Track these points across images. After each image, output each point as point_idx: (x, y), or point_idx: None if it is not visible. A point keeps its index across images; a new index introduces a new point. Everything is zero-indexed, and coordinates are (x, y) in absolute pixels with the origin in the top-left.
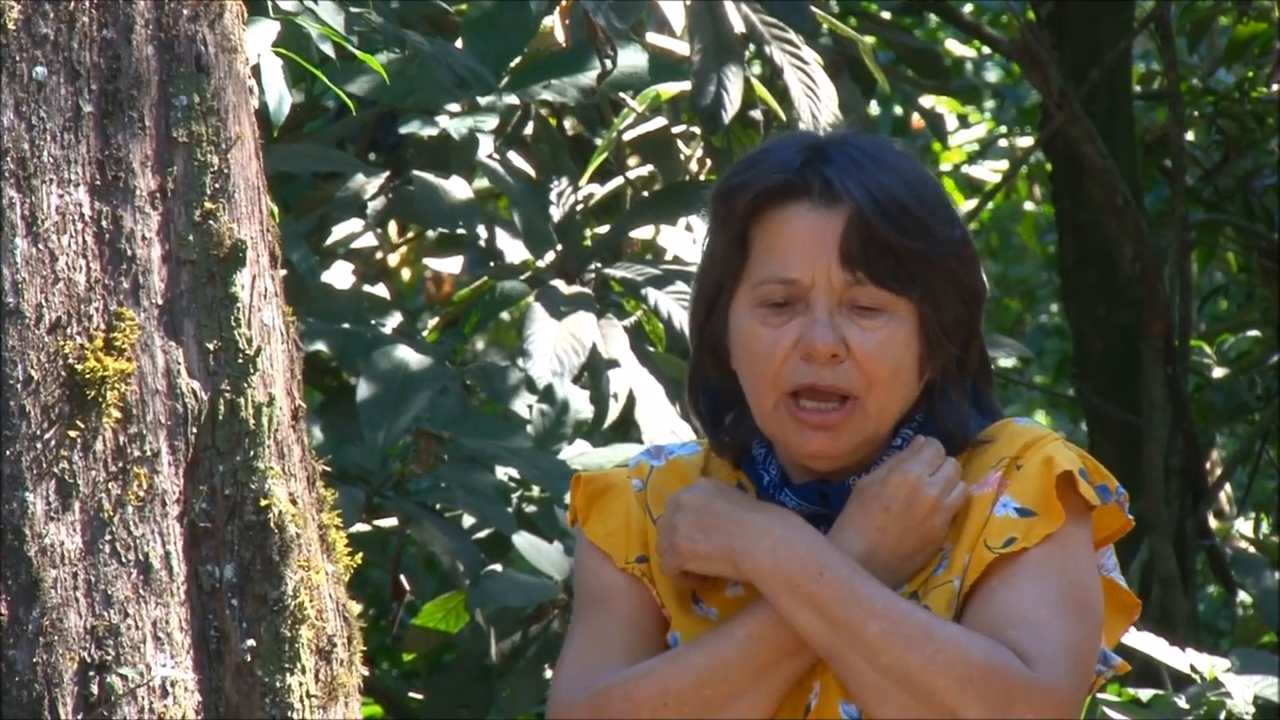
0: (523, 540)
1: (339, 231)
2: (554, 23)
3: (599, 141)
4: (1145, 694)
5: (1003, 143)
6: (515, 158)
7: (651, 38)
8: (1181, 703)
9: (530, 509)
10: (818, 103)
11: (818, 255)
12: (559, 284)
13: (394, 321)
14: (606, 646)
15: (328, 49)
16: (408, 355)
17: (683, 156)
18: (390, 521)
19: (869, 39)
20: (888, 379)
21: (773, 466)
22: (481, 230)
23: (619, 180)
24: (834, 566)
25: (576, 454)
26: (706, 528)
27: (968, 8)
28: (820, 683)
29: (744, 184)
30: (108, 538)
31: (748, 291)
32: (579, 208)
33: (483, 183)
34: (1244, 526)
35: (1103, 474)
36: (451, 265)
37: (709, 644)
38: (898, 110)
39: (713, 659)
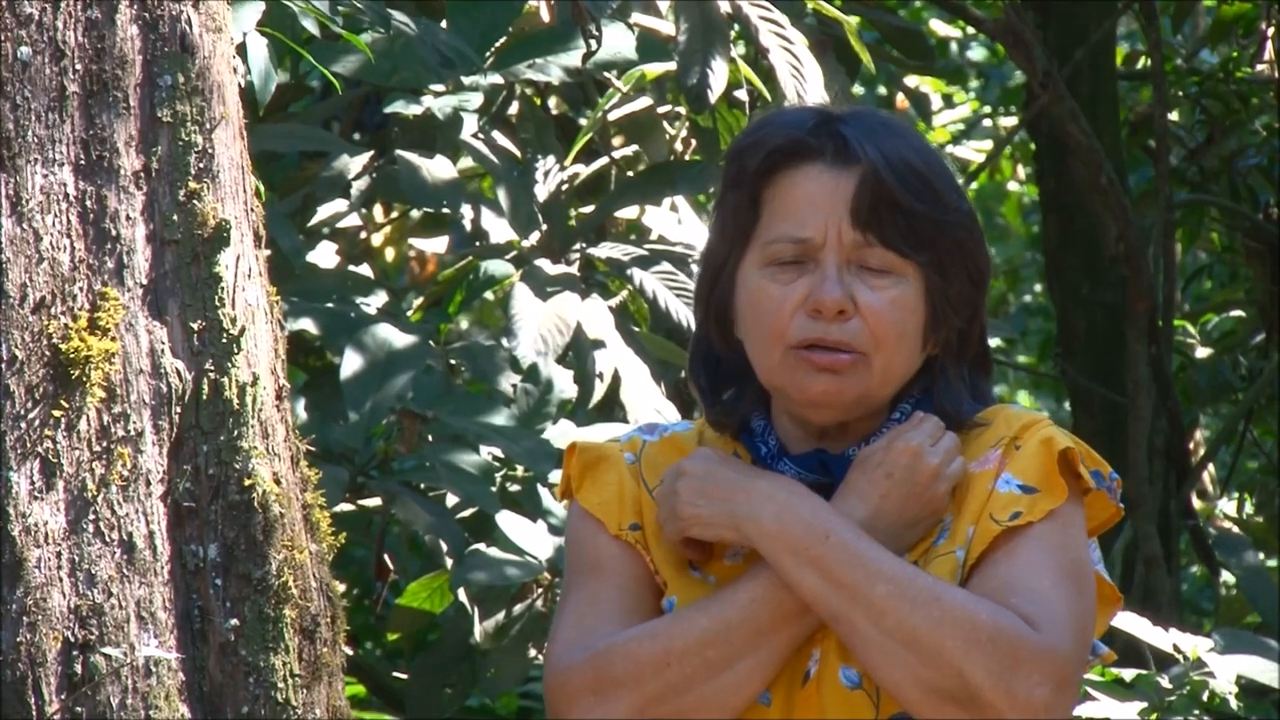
0: (506, 519)
1: (323, 211)
2: (539, 2)
3: (584, 121)
4: (1129, 674)
5: (987, 123)
6: (500, 137)
7: (637, 17)
8: (1165, 683)
9: (514, 488)
10: (803, 83)
11: (829, 214)
12: (544, 264)
13: (378, 301)
14: (602, 612)
15: (313, 28)
16: (391, 334)
17: (668, 136)
18: (374, 501)
19: (854, 19)
20: (895, 339)
21: (771, 438)
22: (466, 210)
23: (604, 160)
24: (839, 531)
25: (560, 433)
26: (709, 494)
27: None
28: (821, 649)
29: (756, 143)
30: (91, 517)
31: (758, 251)
32: (564, 187)
33: (467, 162)
34: (1227, 506)
35: (1096, 459)
36: (436, 245)
37: (712, 606)
38: (882, 90)
39: (715, 621)
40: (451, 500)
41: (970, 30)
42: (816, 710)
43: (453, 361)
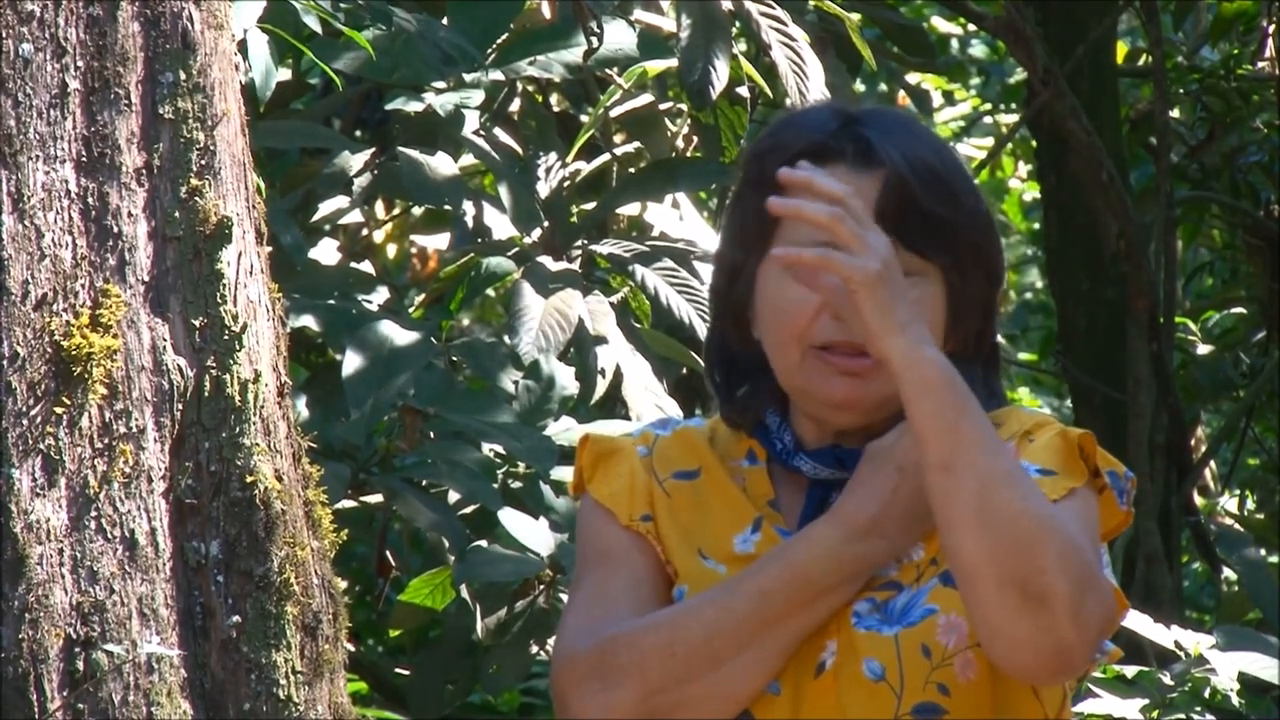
0: (508, 516)
1: (325, 208)
2: None
3: (585, 118)
4: (1130, 671)
5: (988, 119)
6: (501, 134)
7: (638, 14)
8: (1166, 679)
9: (516, 485)
10: (805, 80)
11: None
12: (545, 260)
13: (380, 298)
14: (611, 601)
15: (314, 24)
16: (393, 331)
17: (669, 133)
18: (376, 497)
19: (855, 16)
20: None
21: (786, 434)
22: (468, 206)
23: (605, 157)
24: (966, 387)
25: (562, 430)
26: (896, 285)
27: None
28: (838, 641)
29: (779, 145)
30: (93, 514)
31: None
32: (565, 184)
33: (469, 159)
34: (1229, 503)
35: (1110, 460)
36: (438, 241)
37: (719, 597)
38: (883, 87)
39: (722, 611)
40: (453, 497)
41: (971, 27)
42: (833, 702)
43: (454, 358)
